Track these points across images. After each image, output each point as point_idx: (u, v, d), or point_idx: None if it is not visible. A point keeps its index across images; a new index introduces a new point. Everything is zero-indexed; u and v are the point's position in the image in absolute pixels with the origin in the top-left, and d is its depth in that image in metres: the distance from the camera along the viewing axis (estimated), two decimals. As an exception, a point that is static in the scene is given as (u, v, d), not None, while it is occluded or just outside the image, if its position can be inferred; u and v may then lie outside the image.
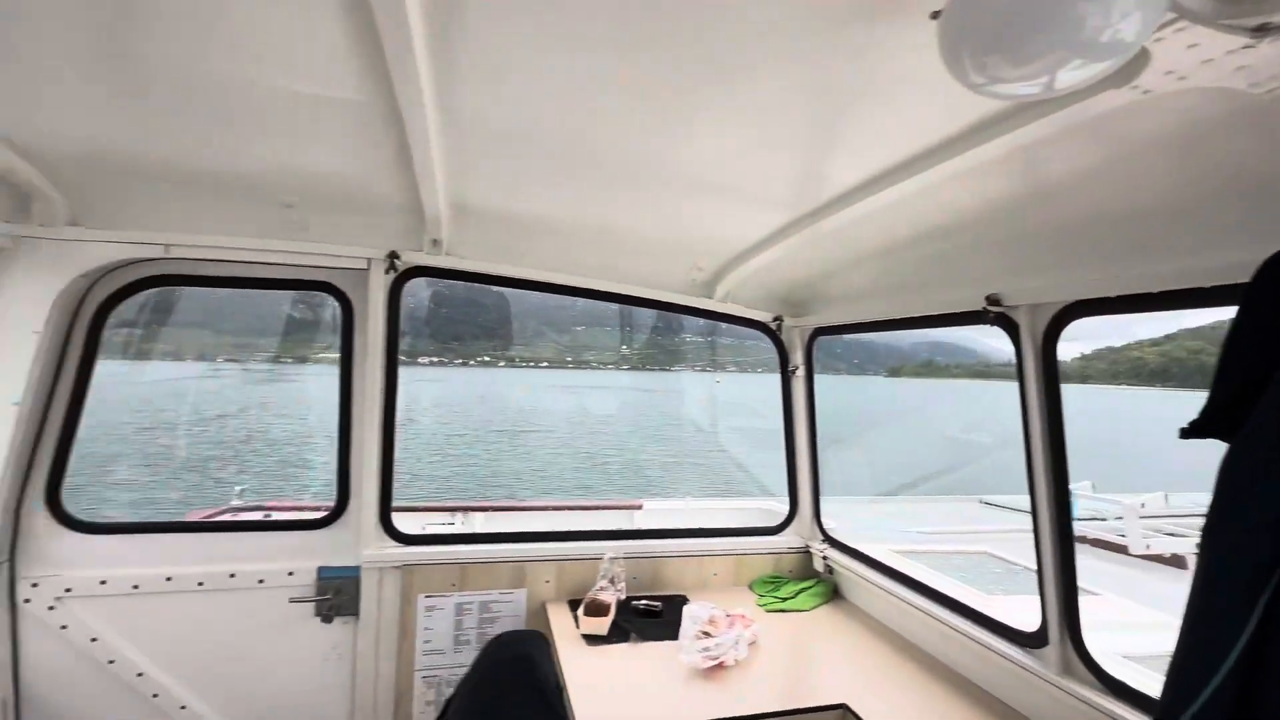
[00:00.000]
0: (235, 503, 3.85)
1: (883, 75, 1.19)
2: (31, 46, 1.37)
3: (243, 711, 2.33)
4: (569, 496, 14.34)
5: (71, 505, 2.22)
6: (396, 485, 2.48)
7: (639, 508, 4.64)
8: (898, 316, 2.35)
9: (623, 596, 2.44)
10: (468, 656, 2.46)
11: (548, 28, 1.15)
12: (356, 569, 2.37)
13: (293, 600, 2.32)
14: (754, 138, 1.54)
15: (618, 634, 2.26)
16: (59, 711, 2.18)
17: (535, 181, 1.98)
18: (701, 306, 2.76)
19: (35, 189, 1.94)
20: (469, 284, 2.65)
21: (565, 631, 2.27)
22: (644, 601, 2.46)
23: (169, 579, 2.23)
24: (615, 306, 2.85)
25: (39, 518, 2.16)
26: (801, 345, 2.86)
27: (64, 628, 2.15)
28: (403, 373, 2.49)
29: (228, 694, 2.31)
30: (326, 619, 2.35)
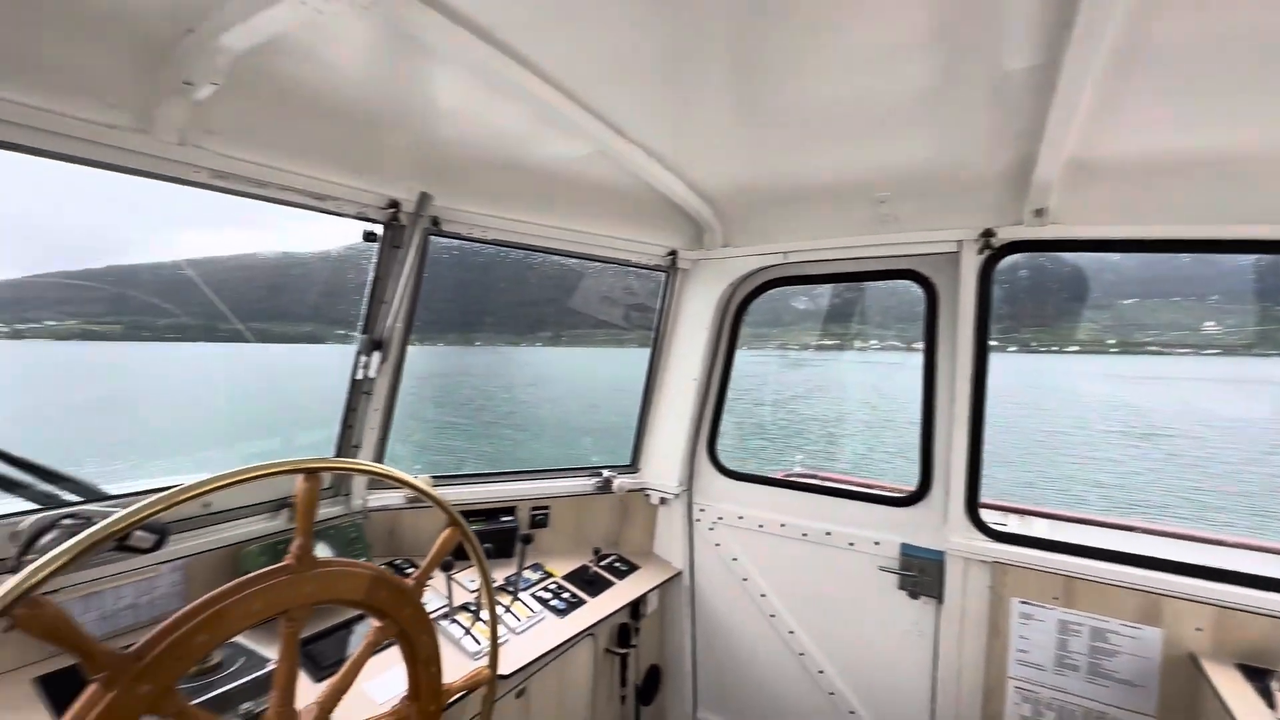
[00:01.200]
0: (797, 469, 4.46)
1: None
2: (709, 116, 1.86)
3: (835, 655, 2.66)
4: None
5: (722, 456, 2.98)
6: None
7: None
8: None
9: (1358, 689, 1.65)
10: (1074, 683, 2.14)
11: None
12: (940, 554, 2.38)
13: (880, 569, 2.50)
14: None
15: (1361, 743, 1.54)
16: (711, 601, 2.97)
17: (1211, 106, 1.52)
18: None
19: (707, 223, 2.66)
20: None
21: (1250, 712, 1.68)
22: None
23: (782, 525, 2.74)
24: (1207, 268, 1.94)
25: (703, 461, 2.99)
26: None
27: (717, 545, 2.92)
28: (902, 358, 2.33)
29: (823, 634, 2.69)
30: (912, 594, 2.44)
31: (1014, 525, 3.79)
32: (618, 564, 2.82)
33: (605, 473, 2.94)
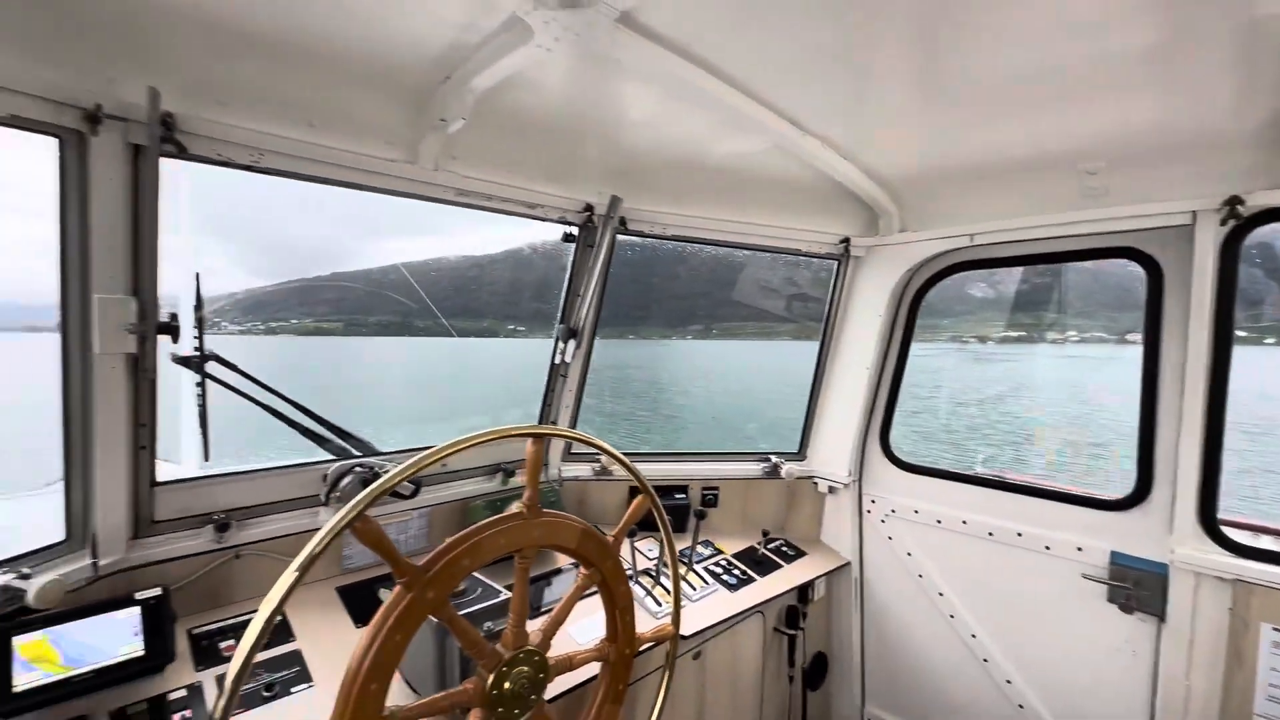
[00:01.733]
0: (978, 469, 4.14)
1: None
2: (888, 98, 1.83)
3: (1026, 666, 2.48)
4: None
5: (894, 447, 2.91)
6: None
7: None
8: None
9: None
10: (1352, 734, 1.80)
11: None
12: (1163, 566, 2.12)
13: (1084, 577, 2.28)
14: None
15: None
16: (881, 595, 2.91)
17: None
18: None
19: (882, 209, 2.61)
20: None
21: None
22: None
23: (964, 522, 2.61)
24: None
25: (875, 452, 2.93)
26: None
27: (889, 538, 2.85)
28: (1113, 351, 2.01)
29: (1012, 642, 2.51)
30: (1125, 609, 2.20)
31: (1266, 544, 3.20)
32: (785, 548, 2.89)
33: (773, 459, 3.01)
